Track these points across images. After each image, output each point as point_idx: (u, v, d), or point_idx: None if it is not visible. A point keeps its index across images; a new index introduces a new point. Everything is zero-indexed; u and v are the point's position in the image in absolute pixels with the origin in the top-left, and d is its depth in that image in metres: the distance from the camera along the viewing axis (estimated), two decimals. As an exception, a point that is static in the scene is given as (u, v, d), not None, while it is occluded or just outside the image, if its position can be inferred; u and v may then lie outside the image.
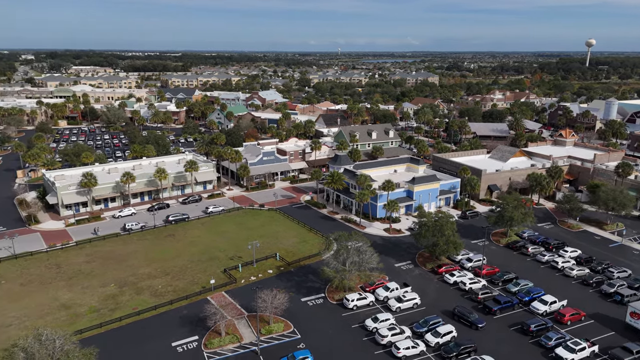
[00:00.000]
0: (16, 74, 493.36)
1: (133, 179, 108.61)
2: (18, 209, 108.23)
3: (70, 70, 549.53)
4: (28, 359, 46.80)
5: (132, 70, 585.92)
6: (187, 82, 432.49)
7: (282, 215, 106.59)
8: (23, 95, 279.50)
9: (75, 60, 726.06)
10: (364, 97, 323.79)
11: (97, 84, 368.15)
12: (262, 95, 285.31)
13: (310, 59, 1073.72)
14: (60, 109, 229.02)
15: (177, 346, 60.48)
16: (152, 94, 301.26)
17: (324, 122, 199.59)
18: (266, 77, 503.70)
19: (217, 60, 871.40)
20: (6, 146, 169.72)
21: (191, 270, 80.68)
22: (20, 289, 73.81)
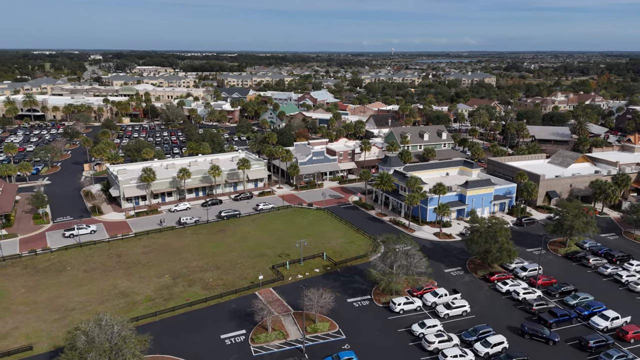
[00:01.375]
0: (85, 73, 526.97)
1: (189, 175, 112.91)
2: (84, 200, 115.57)
3: (134, 70, 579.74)
4: (88, 342, 49.83)
5: (190, 70, 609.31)
6: (242, 82, 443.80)
7: (329, 215, 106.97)
8: (91, 93, 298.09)
9: (139, 60, 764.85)
10: (417, 98, 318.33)
11: (158, 83, 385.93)
12: (314, 95, 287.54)
13: (363, 59, 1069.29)
14: (124, 106, 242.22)
15: (226, 339, 62.25)
16: (208, 93, 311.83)
17: (375, 122, 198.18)
18: (318, 78, 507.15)
19: (271, 60, 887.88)
20: (75, 141, 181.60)
21: (241, 265, 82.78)
22: (83, 275, 78.81)
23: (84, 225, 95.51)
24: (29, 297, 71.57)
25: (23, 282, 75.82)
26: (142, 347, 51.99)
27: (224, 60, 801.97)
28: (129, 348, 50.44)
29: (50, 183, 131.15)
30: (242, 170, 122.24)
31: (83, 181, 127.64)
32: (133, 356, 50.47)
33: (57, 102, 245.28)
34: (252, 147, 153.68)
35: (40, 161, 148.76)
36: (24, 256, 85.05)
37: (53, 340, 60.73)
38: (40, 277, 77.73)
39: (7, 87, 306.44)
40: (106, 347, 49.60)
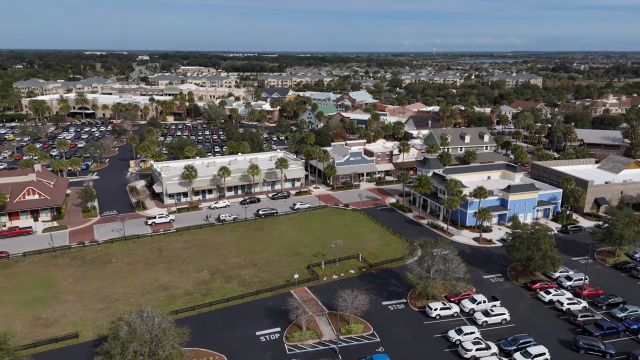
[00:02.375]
0: (133, 73, 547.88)
1: (229, 173, 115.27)
2: (129, 195, 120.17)
3: (178, 70, 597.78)
4: (131, 333, 51.79)
5: (232, 70, 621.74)
6: (282, 82, 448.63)
7: (366, 217, 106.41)
8: (138, 93, 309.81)
9: (184, 61, 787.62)
10: (458, 99, 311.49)
11: (201, 83, 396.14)
12: (353, 95, 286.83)
13: (403, 59, 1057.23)
14: (169, 105, 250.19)
15: (261, 336, 63.11)
16: (249, 93, 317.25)
17: (414, 123, 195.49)
18: (357, 78, 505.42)
19: (310, 61, 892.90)
20: (122, 138, 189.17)
21: (277, 263, 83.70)
22: (127, 268, 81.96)
23: (165, 214, 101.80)
24: (76, 286, 75.14)
25: (71, 272, 79.69)
26: (180, 340, 53.52)
27: (264, 60, 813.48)
28: (168, 340, 52.03)
29: (98, 178, 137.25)
30: (280, 170, 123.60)
31: (129, 177, 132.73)
32: (172, 348, 52.01)
33: (107, 100, 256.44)
34: (290, 147, 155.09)
35: (90, 157, 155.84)
36: (73, 247, 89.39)
37: (97, 329, 63.50)
38: (88, 268, 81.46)
39: (60, 86, 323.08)
40: (147, 338, 51.37)
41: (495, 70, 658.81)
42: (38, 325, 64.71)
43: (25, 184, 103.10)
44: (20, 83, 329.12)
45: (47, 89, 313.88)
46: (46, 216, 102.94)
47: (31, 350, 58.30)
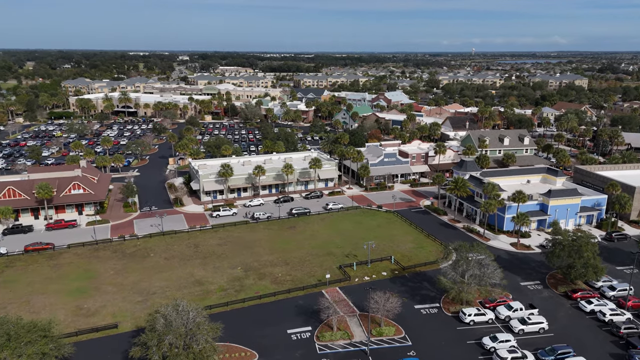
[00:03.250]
0: (174, 73, 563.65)
1: (263, 172, 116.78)
2: (168, 192, 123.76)
3: (217, 70, 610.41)
4: (167, 325, 53.33)
5: (269, 70, 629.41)
6: (317, 83, 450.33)
7: (399, 218, 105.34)
8: (178, 92, 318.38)
9: (222, 61, 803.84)
10: (498, 100, 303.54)
11: (238, 83, 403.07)
12: (388, 96, 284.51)
13: (441, 59, 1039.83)
14: (207, 105, 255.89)
15: (292, 334, 63.61)
16: (285, 93, 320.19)
17: (451, 125, 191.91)
18: (393, 78, 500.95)
19: (346, 61, 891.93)
20: (162, 136, 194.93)
21: (309, 262, 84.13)
22: (164, 262, 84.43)
23: (228, 208, 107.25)
24: (116, 279, 78.05)
25: (112, 265, 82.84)
26: (214, 335, 54.65)
27: (301, 61, 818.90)
28: (202, 334, 53.25)
29: (139, 174, 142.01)
30: (313, 170, 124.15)
31: (167, 174, 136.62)
32: (206, 342, 53.19)
33: (148, 99, 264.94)
34: (324, 147, 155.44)
35: (132, 154, 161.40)
36: (114, 241, 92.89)
37: (136, 320, 65.73)
38: (127, 261, 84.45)
39: (105, 85, 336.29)
40: (182, 331, 52.78)
41: (537, 70, 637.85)
42: (80, 314, 67.62)
43: (71, 178, 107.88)
44: (68, 82, 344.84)
45: (93, 88, 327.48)
46: (90, 210, 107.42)
47: (73, 338, 60.96)
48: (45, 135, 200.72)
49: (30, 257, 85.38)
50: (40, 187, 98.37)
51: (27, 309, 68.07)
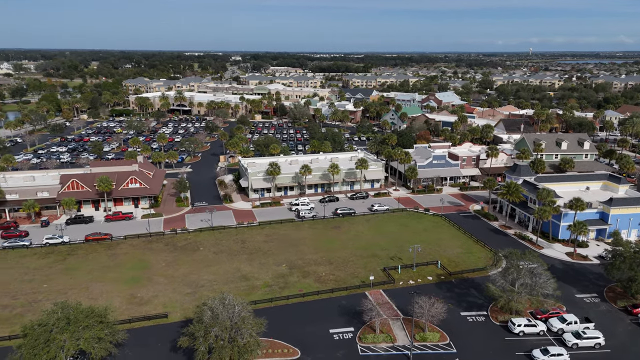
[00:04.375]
0: (226, 73, 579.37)
1: (310, 171, 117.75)
2: (218, 188, 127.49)
3: (268, 71, 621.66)
4: (213, 318, 54.98)
5: (318, 70, 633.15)
6: (366, 83, 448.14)
7: (447, 222, 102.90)
8: (230, 92, 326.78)
9: (273, 61, 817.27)
10: (556, 102, 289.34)
11: (288, 83, 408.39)
12: (439, 97, 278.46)
13: (496, 59, 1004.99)
14: (257, 104, 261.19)
15: (334, 334, 63.75)
16: (333, 94, 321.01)
17: (505, 127, 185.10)
18: (445, 79, 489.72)
19: (396, 61, 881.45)
20: (214, 134, 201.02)
21: (353, 263, 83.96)
22: (213, 256, 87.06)
23: (307, 202, 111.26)
24: (168, 270, 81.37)
25: (164, 257, 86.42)
26: (258, 330, 55.76)
27: (350, 61, 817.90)
28: (246, 329, 54.48)
29: (191, 171, 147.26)
30: (359, 170, 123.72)
31: (218, 171, 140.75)
32: (250, 337, 54.37)
33: (202, 98, 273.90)
34: (371, 148, 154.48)
35: (185, 151, 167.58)
36: (167, 234, 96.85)
37: (184, 311, 68.24)
38: (178, 254, 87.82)
39: (162, 85, 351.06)
40: (227, 324, 54.23)
41: (600, 71, 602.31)
42: (134, 303, 71.06)
43: (129, 173, 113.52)
44: (129, 81, 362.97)
45: (151, 87, 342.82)
46: (145, 204, 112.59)
47: (127, 325, 64.14)
48: (106, 131, 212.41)
49: (90, 246, 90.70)
50: (101, 181, 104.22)
51: (86, 295, 72.36)
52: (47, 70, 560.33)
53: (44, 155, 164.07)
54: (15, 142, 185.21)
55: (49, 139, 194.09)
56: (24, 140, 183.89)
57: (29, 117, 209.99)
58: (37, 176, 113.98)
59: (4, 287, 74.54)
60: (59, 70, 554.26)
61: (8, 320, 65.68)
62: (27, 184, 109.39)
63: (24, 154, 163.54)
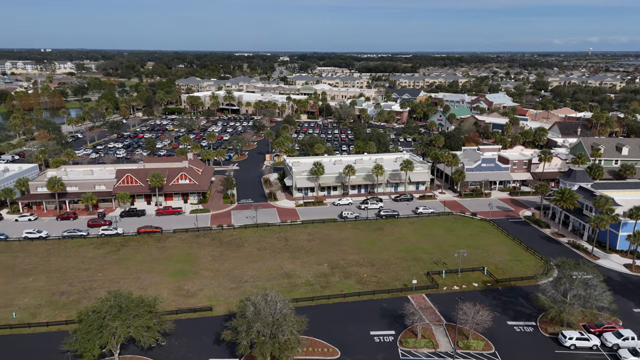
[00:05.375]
0: (274, 73, 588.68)
1: (354, 172, 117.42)
2: (263, 186, 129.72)
3: (314, 71, 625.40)
4: (256, 313, 55.98)
5: (365, 71, 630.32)
6: (414, 83, 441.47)
7: (495, 228, 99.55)
8: (277, 92, 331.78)
9: (320, 62, 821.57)
10: (617, 105, 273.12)
11: (334, 83, 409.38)
12: (489, 98, 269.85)
13: (552, 59, 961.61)
14: (303, 104, 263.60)
15: (375, 336, 63.24)
16: (379, 94, 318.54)
17: (560, 130, 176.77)
18: (496, 79, 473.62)
19: (446, 61, 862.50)
20: (261, 133, 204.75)
21: (395, 266, 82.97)
22: (257, 253, 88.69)
23: (375, 201, 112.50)
24: (213, 264, 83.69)
25: (210, 251, 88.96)
26: (299, 327, 56.23)
27: (398, 61, 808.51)
28: (287, 326, 55.08)
29: (238, 169, 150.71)
30: (404, 172, 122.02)
31: (264, 169, 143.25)
32: (291, 334, 54.93)
33: (250, 98, 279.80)
34: (417, 149, 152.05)
35: (233, 149, 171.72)
36: (213, 229, 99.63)
37: (228, 305, 69.93)
38: (224, 249, 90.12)
39: (213, 84, 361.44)
40: (269, 320, 55.06)
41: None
42: (180, 295, 73.62)
43: (179, 169, 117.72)
44: (181, 81, 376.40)
45: (202, 86, 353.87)
46: (194, 199, 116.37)
47: (173, 316, 66.48)
48: (159, 128, 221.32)
49: (141, 238, 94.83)
50: (153, 176, 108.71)
51: (137, 285, 75.71)
52: (107, 70, 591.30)
53: (101, 150, 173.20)
54: (76, 137, 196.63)
55: (106, 135, 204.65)
56: (84, 136, 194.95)
57: (89, 114, 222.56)
58: (96, 170, 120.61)
59: (62, 275, 79.36)
60: (117, 70, 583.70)
61: (65, 305, 69.85)
62: (86, 177, 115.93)
63: (84, 149, 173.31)
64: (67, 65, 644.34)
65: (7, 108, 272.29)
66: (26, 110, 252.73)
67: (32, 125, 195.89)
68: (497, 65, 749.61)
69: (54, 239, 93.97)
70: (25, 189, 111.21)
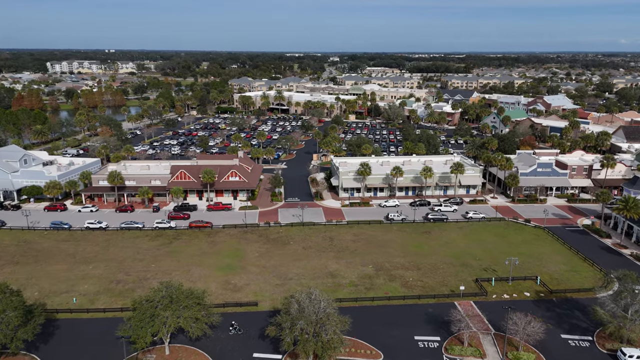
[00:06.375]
0: (324, 74, 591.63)
1: (401, 173, 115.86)
2: (309, 186, 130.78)
3: (364, 71, 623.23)
4: (300, 311, 56.56)
5: (416, 71, 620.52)
6: (467, 84, 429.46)
7: (550, 236, 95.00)
8: (326, 92, 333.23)
9: (370, 62, 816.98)
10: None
11: (384, 84, 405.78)
12: (548, 100, 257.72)
13: (618, 60, 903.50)
14: (352, 105, 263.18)
15: (419, 341, 62.15)
16: (430, 95, 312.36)
17: (625, 135, 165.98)
18: (555, 80, 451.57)
19: (501, 61, 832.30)
20: (309, 133, 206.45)
21: (442, 271, 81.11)
22: (302, 251, 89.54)
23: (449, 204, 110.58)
24: (260, 261, 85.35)
25: (257, 248, 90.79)
26: (342, 327, 56.24)
27: (450, 61, 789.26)
28: (331, 325, 55.22)
29: (286, 167, 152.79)
30: (454, 175, 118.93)
31: (311, 169, 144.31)
32: (334, 334, 55.02)
33: (299, 98, 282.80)
34: (468, 152, 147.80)
35: (281, 148, 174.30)
36: (261, 226, 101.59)
37: (273, 302, 71.08)
38: (270, 246, 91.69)
39: (264, 84, 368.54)
40: (313, 319, 55.46)
41: None
42: (228, 288, 75.64)
43: (230, 167, 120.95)
44: (234, 81, 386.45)
45: (253, 86, 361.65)
46: (243, 196, 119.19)
47: (220, 309, 68.37)
48: (212, 127, 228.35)
49: (193, 233, 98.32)
50: (206, 173, 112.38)
51: (187, 277, 78.56)
52: (165, 70, 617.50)
53: (158, 147, 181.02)
54: (135, 134, 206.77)
55: (163, 132, 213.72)
56: (142, 132, 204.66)
57: (148, 112, 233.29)
58: (152, 166, 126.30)
59: (119, 264, 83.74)
60: (174, 70, 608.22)
61: (121, 294, 73.66)
62: (143, 172, 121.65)
63: (141, 145, 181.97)
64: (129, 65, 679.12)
65: (73, 105, 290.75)
66: (91, 107, 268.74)
67: (95, 122, 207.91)
68: (557, 66, 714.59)
69: (113, 230, 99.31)
70: (88, 181, 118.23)
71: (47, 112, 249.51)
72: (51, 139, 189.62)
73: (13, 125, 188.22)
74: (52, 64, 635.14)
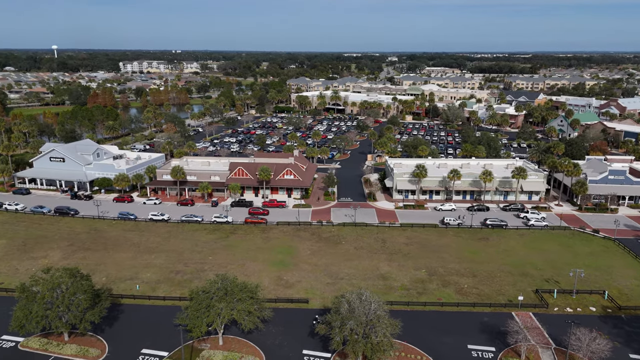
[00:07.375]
0: (381, 74, 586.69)
1: (459, 176, 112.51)
2: (363, 186, 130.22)
3: (423, 71, 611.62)
4: (350, 311, 56.51)
5: (477, 71, 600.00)
6: (532, 85, 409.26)
7: (620, 248, 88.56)
8: (383, 92, 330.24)
9: (429, 62, 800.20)
10: None
11: (443, 84, 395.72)
12: (622, 102, 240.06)
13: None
14: (409, 105, 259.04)
15: (473, 350, 60.17)
16: (492, 96, 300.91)
17: None
18: (632, 82, 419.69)
19: (571, 61, 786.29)
20: (364, 133, 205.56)
21: (499, 279, 77.96)
22: (354, 251, 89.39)
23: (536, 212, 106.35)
24: (312, 259, 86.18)
25: (310, 246, 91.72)
26: (392, 330, 55.58)
27: (515, 61, 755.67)
28: (381, 327, 54.75)
29: (340, 167, 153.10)
30: (516, 180, 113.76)
31: (365, 169, 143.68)
32: (384, 336, 54.49)
33: (355, 98, 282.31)
34: (532, 156, 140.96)
35: (336, 148, 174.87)
36: (313, 225, 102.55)
37: (323, 300, 71.54)
38: (322, 244, 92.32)
39: (321, 84, 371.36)
40: (363, 320, 55.23)
41: None
42: (280, 284, 77.04)
43: (286, 165, 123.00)
44: (292, 80, 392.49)
45: (310, 86, 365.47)
46: (297, 194, 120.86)
47: (272, 304, 69.74)
48: (269, 126, 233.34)
49: (248, 228, 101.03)
50: (262, 170, 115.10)
51: (242, 271, 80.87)
52: (226, 70, 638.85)
53: (218, 144, 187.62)
54: (197, 131, 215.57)
55: (223, 130, 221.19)
56: (204, 130, 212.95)
57: (210, 110, 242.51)
58: (212, 162, 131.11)
59: (179, 255, 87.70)
60: (235, 70, 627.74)
61: (180, 284, 77.12)
62: (204, 168, 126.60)
63: (203, 142, 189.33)
64: (193, 65, 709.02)
65: (142, 103, 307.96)
66: (157, 105, 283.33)
67: (161, 119, 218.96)
68: (633, 67, 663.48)
69: (174, 222, 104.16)
70: (153, 175, 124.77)
71: (119, 109, 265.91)
72: (121, 134, 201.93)
73: (88, 120, 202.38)
74: (124, 63, 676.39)
